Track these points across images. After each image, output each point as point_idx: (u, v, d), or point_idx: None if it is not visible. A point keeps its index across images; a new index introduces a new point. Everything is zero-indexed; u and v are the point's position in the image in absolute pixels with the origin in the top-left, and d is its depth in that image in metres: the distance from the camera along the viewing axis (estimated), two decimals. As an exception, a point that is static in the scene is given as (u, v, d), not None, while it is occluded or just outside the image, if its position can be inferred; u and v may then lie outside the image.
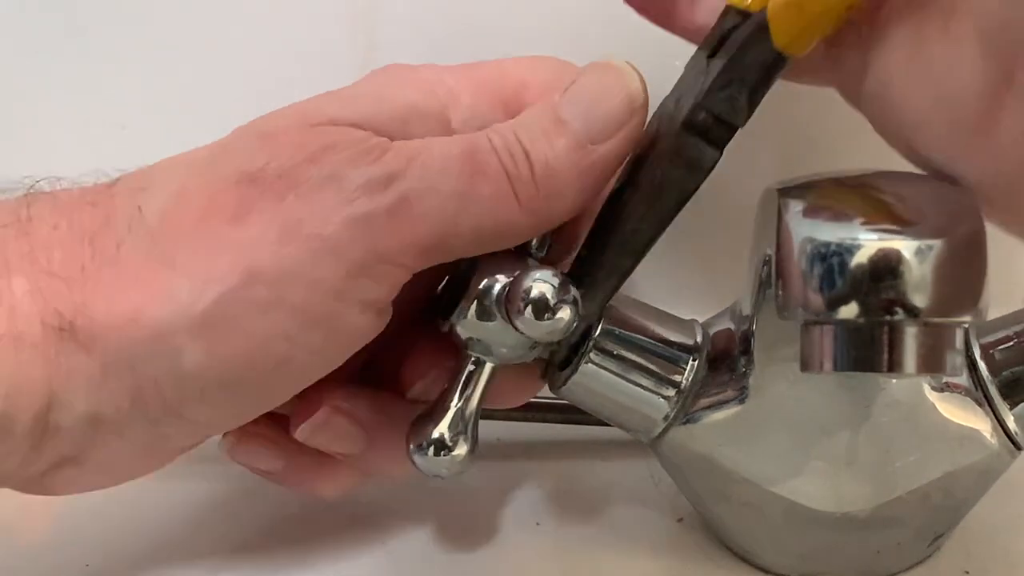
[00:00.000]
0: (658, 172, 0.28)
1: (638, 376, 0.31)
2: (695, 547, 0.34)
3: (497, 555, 0.34)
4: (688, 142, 0.27)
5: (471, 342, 0.30)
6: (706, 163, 0.28)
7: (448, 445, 0.30)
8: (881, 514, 0.31)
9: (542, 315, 0.27)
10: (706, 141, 0.27)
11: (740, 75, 0.27)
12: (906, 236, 0.23)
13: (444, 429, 0.30)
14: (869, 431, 0.30)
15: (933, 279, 0.23)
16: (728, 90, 0.27)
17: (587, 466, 0.38)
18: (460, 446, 0.30)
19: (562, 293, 0.27)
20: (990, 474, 0.32)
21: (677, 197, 0.28)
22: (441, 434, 0.30)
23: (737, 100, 0.27)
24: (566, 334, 0.28)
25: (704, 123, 0.27)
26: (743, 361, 0.31)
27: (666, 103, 0.29)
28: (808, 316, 0.24)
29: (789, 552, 0.33)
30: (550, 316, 0.27)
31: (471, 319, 0.29)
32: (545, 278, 0.28)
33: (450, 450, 0.30)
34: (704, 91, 0.27)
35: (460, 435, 0.30)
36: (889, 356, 0.24)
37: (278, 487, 0.37)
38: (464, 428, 0.30)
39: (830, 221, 0.25)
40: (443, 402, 0.30)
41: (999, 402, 0.31)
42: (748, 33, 0.27)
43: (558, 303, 0.27)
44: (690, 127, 0.27)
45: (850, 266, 0.23)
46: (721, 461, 0.31)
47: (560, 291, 0.27)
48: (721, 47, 0.27)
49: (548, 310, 0.27)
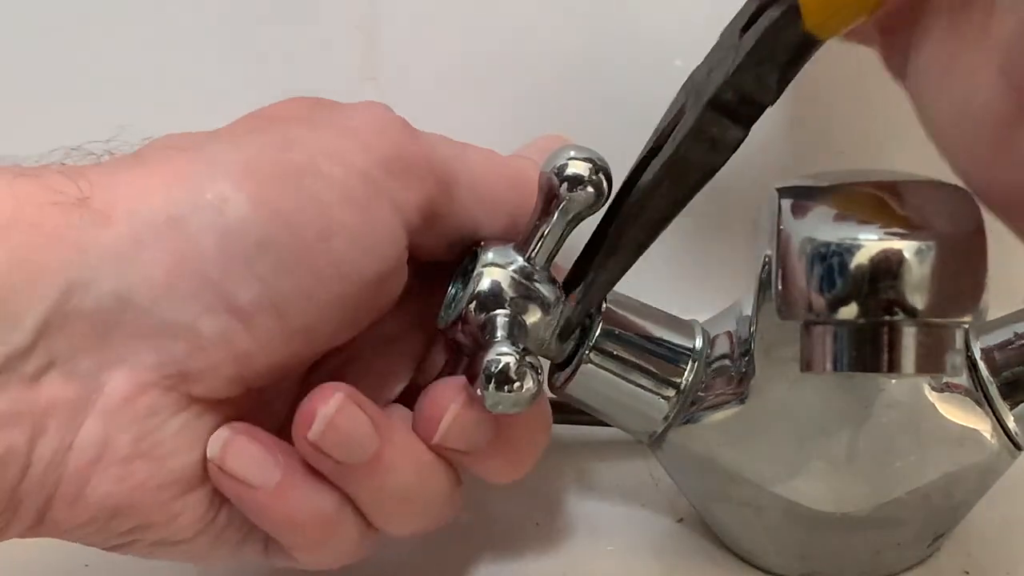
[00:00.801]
0: (682, 147, 0.28)
1: (638, 376, 0.31)
2: (695, 547, 0.34)
3: (497, 555, 0.34)
4: (713, 119, 0.27)
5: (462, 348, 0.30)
6: (731, 141, 0.27)
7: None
8: (881, 514, 0.31)
9: (502, 387, 0.27)
10: (731, 119, 0.27)
11: (770, 55, 0.26)
12: (906, 236, 0.23)
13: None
14: (869, 431, 0.30)
15: (933, 279, 0.23)
16: (757, 69, 0.26)
17: (587, 466, 0.38)
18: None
19: (522, 365, 0.28)
20: (990, 474, 0.32)
21: (700, 173, 0.28)
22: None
23: (765, 80, 0.27)
24: (534, 402, 0.28)
25: (731, 101, 0.27)
26: (743, 361, 0.31)
27: (696, 74, 0.29)
28: (808, 316, 0.24)
29: (789, 552, 0.33)
30: (510, 389, 0.27)
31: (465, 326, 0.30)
32: (505, 353, 0.28)
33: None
34: (733, 69, 0.27)
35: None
36: (889, 356, 0.24)
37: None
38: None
39: (830, 221, 0.25)
40: None
41: (999, 402, 0.31)
42: (779, 14, 0.26)
43: (519, 375, 0.28)
44: (716, 105, 0.27)
45: (850, 266, 0.23)
46: (721, 461, 0.31)
47: (519, 363, 0.28)
48: (754, 22, 0.27)
49: (509, 382, 0.27)
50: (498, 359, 0.28)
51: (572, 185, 0.28)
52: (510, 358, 0.28)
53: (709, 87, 0.27)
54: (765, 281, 0.29)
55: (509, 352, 0.28)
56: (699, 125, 0.27)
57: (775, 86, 0.27)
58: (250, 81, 0.42)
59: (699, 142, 0.27)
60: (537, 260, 0.30)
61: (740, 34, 0.27)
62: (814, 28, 0.26)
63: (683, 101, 0.29)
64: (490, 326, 0.29)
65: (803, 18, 0.26)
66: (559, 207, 0.29)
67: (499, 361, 0.27)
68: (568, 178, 0.28)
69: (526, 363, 0.28)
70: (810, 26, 0.26)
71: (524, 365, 0.28)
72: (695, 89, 0.28)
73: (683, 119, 0.28)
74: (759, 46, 0.26)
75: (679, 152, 0.28)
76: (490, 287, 0.30)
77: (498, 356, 0.28)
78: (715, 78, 0.27)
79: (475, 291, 0.29)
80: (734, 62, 0.27)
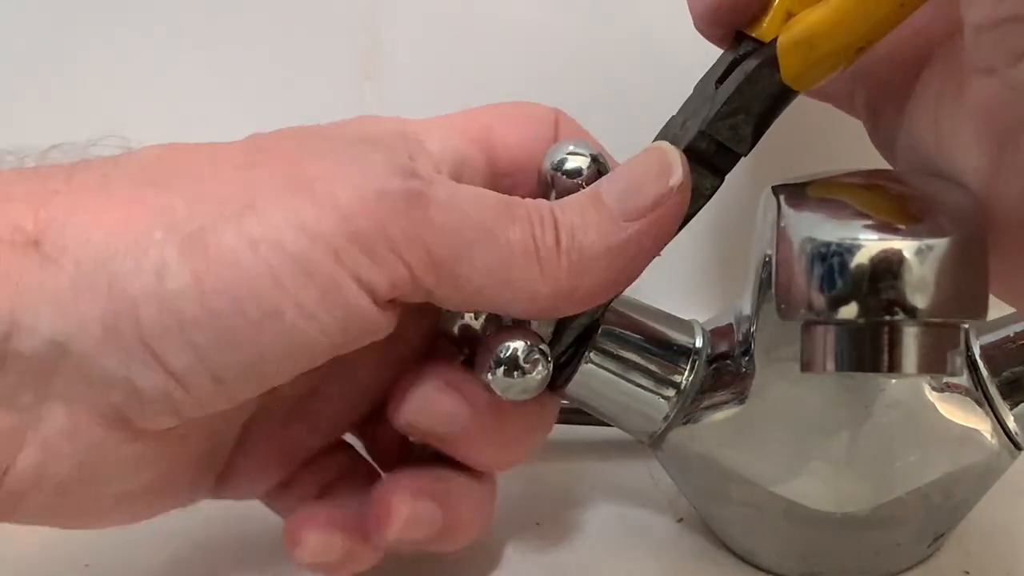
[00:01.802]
0: None
1: (638, 376, 0.31)
2: (695, 547, 0.34)
3: (497, 555, 0.34)
4: (690, 168, 0.28)
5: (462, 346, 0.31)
6: (706, 189, 0.28)
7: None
8: (881, 514, 0.31)
9: (511, 373, 0.28)
10: (708, 168, 0.28)
11: (746, 105, 0.27)
12: (907, 236, 0.23)
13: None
14: (869, 431, 0.30)
15: (933, 279, 0.23)
16: (733, 119, 0.27)
17: (587, 466, 0.38)
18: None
19: (533, 352, 0.28)
20: (990, 474, 0.32)
21: None
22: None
23: (741, 129, 0.28)
24: (539, 391, 0.29)
25: (707, 150, 0.28)
26: (743, 361, 0.31)
27: (672, 124, 0.30)
28: (808, 316, 0.24)
29: (789, 552, 0.33)
30: (520, 374, 0.28)
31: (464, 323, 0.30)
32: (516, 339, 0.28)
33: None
34: (709, 118, 0.28)
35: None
36: (889, 356, 0.24)
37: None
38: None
39: (830, 221, 0.25)
40: None
41: (999, 402, 0.31)
42: (757, 64, 0.27)
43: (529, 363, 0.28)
44: (693, 153, 0.28)
45: (850, 266, 0.23)
46: (721, 461, 0.31)
47: (530, 350, 0.28)
48: (729, 74, 0.28)
49: (518, 368, 0.28)
50: (509, 345, 0.28)
51: (571, 178, 0.29)
52: (520, 343, 0.28)
53: (685, 136, 0.28)
54: (765, 281, 0.29)
55: (519, 338, 0.28)
56: None
57: (750, 137, 0.28)
58: (250, 81, 0.42)
59: None
60: None
61: (716, 85, 0.28)
62: (791, 79, 0.27)
63: None
64: (493, 317, 0.30)
65: (781, 69, 0.26)
66: None
67: (509, 347, 0.28)
68: (568, 172, 0.29)
69: (537, 349, 0.28)
70: (787, 77, 0.27)
71: (535, 351, 0.28)
72: (671, 138, 0.29)
73: None
74: (735, 96, 0.27)
75: None
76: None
77: (509, 342, 0.28)
78: (691, 127, 0.28)
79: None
80: (710, 111, 0.28)
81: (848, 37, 0.25)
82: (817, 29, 0.26)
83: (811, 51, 0.26)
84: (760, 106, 0.27)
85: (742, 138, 0.28)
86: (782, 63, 0.27)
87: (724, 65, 0.28)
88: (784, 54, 0.26)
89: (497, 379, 0.28)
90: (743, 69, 0.27)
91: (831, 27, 0.25)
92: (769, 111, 0.27)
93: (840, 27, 0.25)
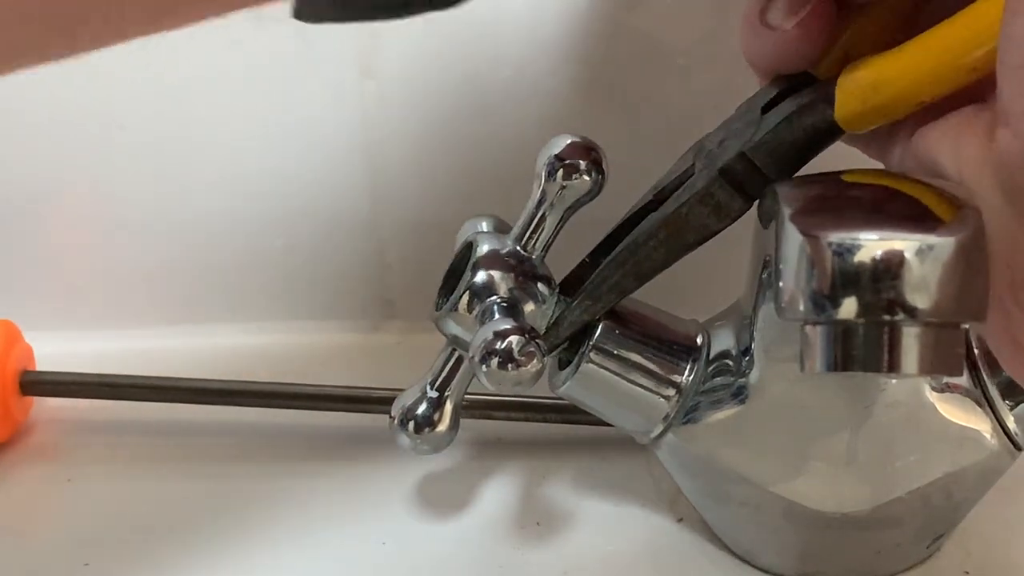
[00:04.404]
0: (685, 207, 0.29)
1: (638, 376, 0.31)
2: (695, 547, 0.34)
3: (497, 555, 0.34)
4: (721, 186, 0.28)
5: (456, 339, 0.30)
6: (734, 211, 0.28)
7: (432, 422, 0.31)
8: (881, 514, 0.31)
9: (505, 366, 0.28)
10: (738, 190, 0.28)
11: (792, 136, 0.27)
12: (908, 235, 0.23)
13: (428, 407, 0.31)
14: (869, 431, 0.30)
15: (934, 279, 0.23)
16: (776, 147, 0.27)
17: (587, 466, 0.38)
18: (442, 424, 0.31)
19: (527, 346, 0.28)
20: (990, 475, 0.32)
21: (697, 234, 0.29)
22: (425, 411, 0.31)
23: (781, 158, 0.27)
24: (533, 383, 0.29)
25: (742, 173, 0.28)
26: (743, 361, 0.31)
27: (707, 140, 0.30)
28: (808, 316, 0.24)
29: (789, 552, 0.33)
30: (514, 367, 0.28)
31: (460, 315, 0.30)
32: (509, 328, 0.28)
33: (432, 427, 0.31)
34: (753, 142, 0.27)
35: (442, 414, 0.31)
36: (889, 356, 0.24)
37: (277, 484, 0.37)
38: (446, 407, 0.31)
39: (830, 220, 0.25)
40: (427, 383, 0.31)
41: (999, 403, 0.31)
42: (812, 98, 0.27)
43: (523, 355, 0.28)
44: (727, 173, 0.28)
45: (851, 265, 0.23)
46: (721, 461, 0.31)
47: (526, 344, 0.28)
48: (777, 103, 0.28)
49: (512, 360, 0.28)
50: (504, 334, 0.28)
51: (568, 173, 0.29)
52: (514, 336, 0.28)
53: (723, 155, 0.28)
54: (765, 281, 0.29)
55: (513, 329, 0.28)
56: (707, 189, 0.28)
57: (789, 167, 0.28)
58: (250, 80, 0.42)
59: (703, 205, 0.28)
60: (533, 249, 0.30)
61: (762, 111, 0.28)
62: (844, 119, 0.26)
63: (690, 162, 0.30)
64: (488, 312, 0.30)
65: (836, 108, 0.26)
66: (555, 195, 0.29)
67: (503, 338, 0.28)
68: (565, 166, 0.29)
69: (532, 341, 0.28)
70: (841, 116, 0.26)
71: (530, 343, 0.28)
72: (706, 154, 0.29)
73: (691, 180, 0.29)
74: (784, 125, 0.27)
75: (681, 210, 0.29)
76: (485, 279, 0.30)
77: (503, 331, 0.28)
78: (730, 147, 0.28)
79: (470, 282, 0.30)
80: (754, 136, 0.28)
81: (915, 88, 0.25)
82: (887, 75, 0.25)
83: (874, 95, 0.26)
84: (806, 140, 0.27)
85: (780, 167, 0.28)
86: (839, 101, 0.26)
87: (771, 93, 0.28)
88: (844, 93, 0.26)
89: (491, 372, 0.28)
90: (797, 100, 0.27)
91: (901, 75, 0.25)
92: (813, 146, 0.27)
93: (909, 78, 0.25)
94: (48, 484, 0.39)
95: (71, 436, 0.41)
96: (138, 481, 0.38)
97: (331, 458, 0.39)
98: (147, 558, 0.34)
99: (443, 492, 0.37)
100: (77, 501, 0.37)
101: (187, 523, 0.36)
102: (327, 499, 0.37)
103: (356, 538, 0.35)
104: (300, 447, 0.40)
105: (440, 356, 0.32)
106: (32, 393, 0.41)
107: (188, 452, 0.40)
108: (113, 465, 0.39)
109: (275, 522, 0.36)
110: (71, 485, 0.38)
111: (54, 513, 0.37)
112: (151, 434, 0.41)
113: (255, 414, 0.40)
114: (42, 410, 0.42)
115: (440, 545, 0.35)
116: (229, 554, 0.34)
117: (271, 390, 0.40)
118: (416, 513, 0.36)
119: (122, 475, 0.39)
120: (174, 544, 0.35)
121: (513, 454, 0.39)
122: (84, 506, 0.37)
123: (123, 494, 0.38)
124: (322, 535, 0.35)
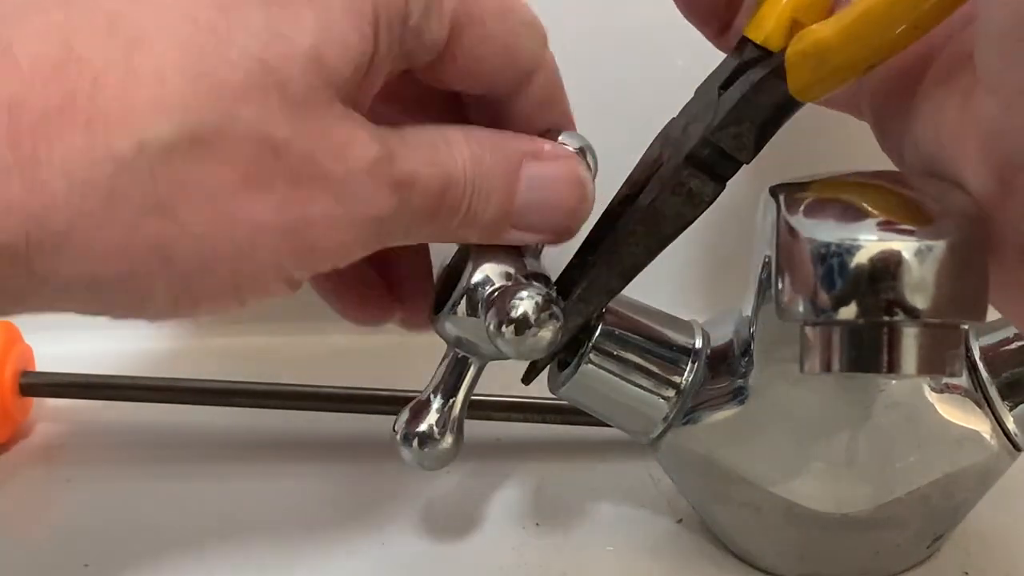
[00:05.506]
0: (658, 199, 0.29)
1: (638, 377, 0.31)
2: (695, 547, 0.34)
3: (497, 555, 0.34)
4: (691, 173, 0.28)
5: (459, 341, 0.30)
6: (707, 196, 0.28)
7: (435, 438, 0.30)
8: (881, 515, 0.31)
9: (523, 332, 0.28)
10: (708, 175, 0.28)
11: (750, 114, 0.27)
12: (906, 237, 0.23)
13: (431, 422, 0.30)
14: (869, 432, 0.30)
15: (933, 280, 0.23)
16: (737, 127, 0.28)
17: (587, 466, 0.38)
18: (446, 439, 0.30)
19: (545, 311, 0.28)
20: (990, 475, 0.32)
21: (674, 225, 0.29)
22: (429, 426, 0.30)
23: (745, 138, 0.28)
24: (549, 351, 0.29)
25: (709, 157, 0.28)
26: (743, 362, 0.31)
27: (672, 127, 0.30)
28: (808, 317, 0.24)
29: (789, 553, 0.33)
30: (533, 333, 0.28)
31: (459, 318, 0.30)
32: (529, 295, 0.28)
33: (436, 443, 0.30)
34: (713, 126, 0.28)
35: (446, 428, 0.30)
36: (889, 357, 0.24)
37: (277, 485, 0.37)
38: (450, 421, 0.30)
39: (830, 221, 0.25)
40: (430, 395, 0.31)
41: (999, 403, 0.31)
42: (764, 74, 0.27)
43: (540, 321, 0.28)
44: (694, 160, 0.28)
45: (850, 266, 0.23)
46: (721, 461, 0.31)
47: (543, 308, 0.28)
48: (734, 81, 0.28)
49: (529, 327, 0.28)
50: (523, 298, 0.28)
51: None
52: (531, 301, 0.28)
53: (687, 142, 0.28)
54: (765, 282, 0.29)
55: (531, 295, 0.28)
56: (676, 178, 0.28)
57: (752, 145, 0.28)
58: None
59: (675, 195, 0.28)
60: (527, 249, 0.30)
61: (719, 91, 0.28)
62: (798, 91, 0.27)
63: (658, 152, 0.30)
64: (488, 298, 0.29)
65: (788, 81, 0.26)
66: None
67: (521, 303, 0.28)
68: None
69: (550, 307, 0.28)
70: (794, 89, 0.26)
71: (548, 308, 0.28)
72: (672, 143, 0.29)
73: (660, 171, 0.29)
74: (740, 105, 0.27)
75: (655, 203, 0.29)
76: (481, 280, 0.30)
77: (523, 297, 0.28)
78: (693, 132, 0.28)
79: (467, 285, 0.30)
80: (714, 118, 0.28)
81: (860, 53, 0.25)
82: (829, 43, 0.25)
83: (821, 64, 0.26)
84: (764, 116, 0.27)
85: (745, 147, 0.28)
86: (790, 74, 0.26)
87: (728, 70, 0.28)
88: (792, 66, 0.26)
89: (507, 338, 0.28)
90: (749, 78, 0.27)
91: (844, 42, 0.25)
92: (773, 121, 0.27)
93: (853, 43, 0.25)
94: (48, 484, 0.39)
95: (71, 436, 0.41)
96: (138, 481, 0.38)
97: (331, 459, 0.39)
98: (147, 558, 0.34)
99: (443, 493, 0.37)
100: (77, 501, 0.37)
101: (187, 523, 0.36)
102: (327, 499, 0.37)
103: (356, 538, 0.35)
104: (300, 448, 0.40)
105: (441, 365, 0.31)
106: (32, 394, 0.41)
107: (188, 452, 0.40)
108: (113, 465, 0.39)
109: (275, 522, 0.36)
110: (71, 485, 0.38)
111: (54, 513, 0.37)
112: (151, 434, 0.41)
113: (255, 414, 0.40)
114: (42, 410, 0.42)
115: (440, 546, 0.35)
116: (229, 554, 0.34)
117: (271, 390, 0.40)
118: (416, 514, 0.36)
119: (122, 475, 0.39)
120: (174, 544, 0.35)
121: (513, 455, 0.39)
122: (84, 506, 0.37)
123: (123, 494, 0.38)
124: (322, 535, 0.35)
